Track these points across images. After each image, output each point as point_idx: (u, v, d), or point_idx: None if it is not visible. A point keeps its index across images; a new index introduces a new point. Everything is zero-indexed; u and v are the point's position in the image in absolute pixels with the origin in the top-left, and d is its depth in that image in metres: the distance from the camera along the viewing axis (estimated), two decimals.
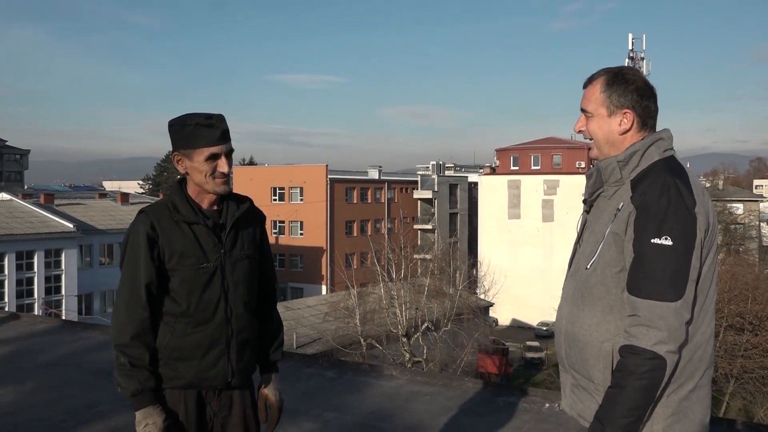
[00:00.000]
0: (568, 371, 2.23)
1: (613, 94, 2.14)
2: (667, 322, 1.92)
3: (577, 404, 2.21)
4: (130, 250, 2.44)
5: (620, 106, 2.13)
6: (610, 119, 2.15)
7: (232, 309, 2.49)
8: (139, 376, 2.38)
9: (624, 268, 2.03)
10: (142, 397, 2.39)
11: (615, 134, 2.15)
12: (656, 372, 1.93)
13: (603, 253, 2.08)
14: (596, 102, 2.17)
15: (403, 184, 62.28)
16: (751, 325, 22.40)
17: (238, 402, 2.56)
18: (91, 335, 7.82)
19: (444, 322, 27.18)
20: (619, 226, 2.04)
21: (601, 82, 2.17)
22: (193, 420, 2.47)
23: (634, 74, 2.17)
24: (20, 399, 5.48)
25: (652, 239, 1.95)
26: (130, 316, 2.40)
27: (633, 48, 56.09)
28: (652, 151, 2.11)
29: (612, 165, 2.13)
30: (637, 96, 2.13)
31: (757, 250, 47.33)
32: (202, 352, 2.45)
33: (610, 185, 2.15)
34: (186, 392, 2.47)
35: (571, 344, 2.16)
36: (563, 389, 2.31)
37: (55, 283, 35.52)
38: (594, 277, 2.10)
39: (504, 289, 35.87)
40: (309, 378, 6.00)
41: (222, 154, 2.44)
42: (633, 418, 1.95)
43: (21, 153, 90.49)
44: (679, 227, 1.95)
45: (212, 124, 2.41)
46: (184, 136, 2.43)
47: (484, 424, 4.82)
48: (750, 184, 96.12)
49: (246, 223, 2.58)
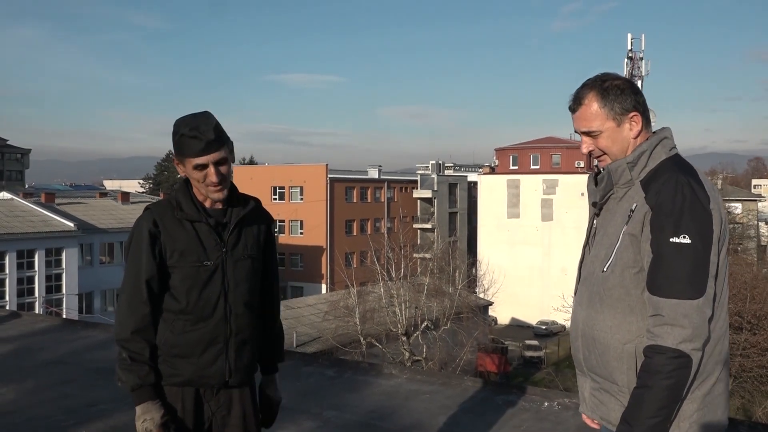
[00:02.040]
0: (587, 375, 2.22)
1: (614, 103, 2.13)
2: (691, 320, 1.93)
3: (599, 407, 2.18)
4: (134, 247, 2.46)
5: (626, 111, 2.13)
6: (621, 128, 2.14)
7: (232, 307, 2.49)
8: (139, 370, 2.40)
9: (642, 268, 2.04)
10: (141, 392, 2.40)
11: (629, 140, 2.15)
12: (682, 370, 1.94)
13: (620, 254, 2.08)
14: (600, 119, 2.14)
15: (402, 183, 62.28)
16: (750, 324, 22.40)
17: (238, 401, 2.55)
18: (92, 334, 7.84)
19: (443, 321, 27.21)
20: (635, 227, 2.04)
21: (596, 99, 2.14)
22: (190, 418, 2.47)
23: (616, 78, 2.16)
24: (21, 397, 5.50)
25: (671, 238, 1.96)
26: (132, 312, 2.42)
27: (632, 48, 56.02)
28: (659, 151, 2.12)
29: (622, 167, 2.13)
30: (633, 95, 2.14)
31: (755, 250, 47.39)
32: (201, 349, 2.46)
33: (620, 187, 2.15)
34: (184, 390, 2.47)
35: (591, 348, 2.15)
36: (582, 394, 2.28)
37: (55, 281, 35.54)
38: (612, 279, 2.09)
39: (503, 288, 35.93)
40: (309, 376, 6.01)
41: (209, 164, 2.40)
42: (660, 417, 1.95)
43: (22, 152, 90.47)
44: (696, 225, 1.96)
45: (196, 135, 2.36)
46: (175, 144, 2.43)
47: (484, 422, 4.84)
48: (748, 184, 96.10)
49: (251, 224, 2.57)
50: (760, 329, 22.45)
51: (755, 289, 23.26)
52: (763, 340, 22.12)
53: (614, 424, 2.10)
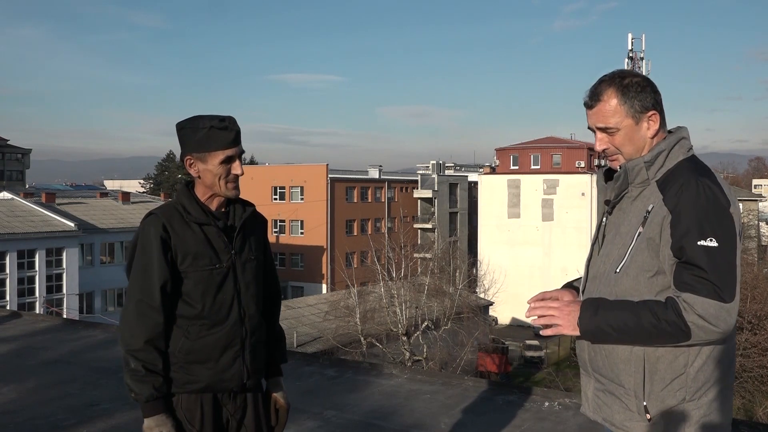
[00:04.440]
0: (592, 376, 2.19)
1: (634, 100, 2.08)
2: (724, 322, 1.91)
3: (602, 409, 2.16)
4: (141, 253, 2.39)
5: (645, 110, 2.09)
6: (639, 126, 2.10)
7: (245, 309, 2.48)
8: (153, 381, 2.33)
9: (658, 272, 2.01)
10: (156, 403, 2.34)
11: (646, 139, 2.11)
12: (667, 337, 1.95)
13: (634, 256, 2.04)
14: (619, 115, 2.09)
15: (403, 183, 62.26)
16: (750, 324, 22.41)
17: (252, 404, 2.54)
18: (92, 334, 7.85)
19: (444, 321, 27.21)
20: (653, 230, 2.00)
21: (615, 95, 2.10)
22: (209, 424, 2.42)
23: (636, 75, 2.13)
24: (22, 397, 5.50)
25: (699, 241, 1.92)
26: (144, 320, 2.35)
27: (632, 48, 56.06)
28: (677, 151, 2.09)
29: (639, 166, 2.08)
30: (653, 94, 2.10)
31: (755, 250, 47.27)
32: (218, 353, 2.42)
33: (635, 186, 2.10)
34: (203, 396, 2.42)
35: (597, 349, 2.11)
36: (584, 394, 2.26)
37: (56, 281, 35.56)
38: (625, 281, 2.05)
39: (504, 288, 35.89)
40: (309, 376, 6.02)
41: (236, 156, 2.43)
42: (613, 335, 2.00)
43: (22, 152, 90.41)
44: (722, 228, 1.94)
45: (226, 127, 2.39)
46: (198, 139, 2.39)
47: (484, 422, 4.84)
48: (749, 184, 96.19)
49: (252, 225, 2.57)
50: (760, 329, 22.47)
51: (756, 289, 23.29)
52: (763, 340, 22.14)
53: (617, 426, 2.09)
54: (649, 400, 2.03)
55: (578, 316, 2.06)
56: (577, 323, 2.06)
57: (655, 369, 2.02)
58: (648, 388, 2.03)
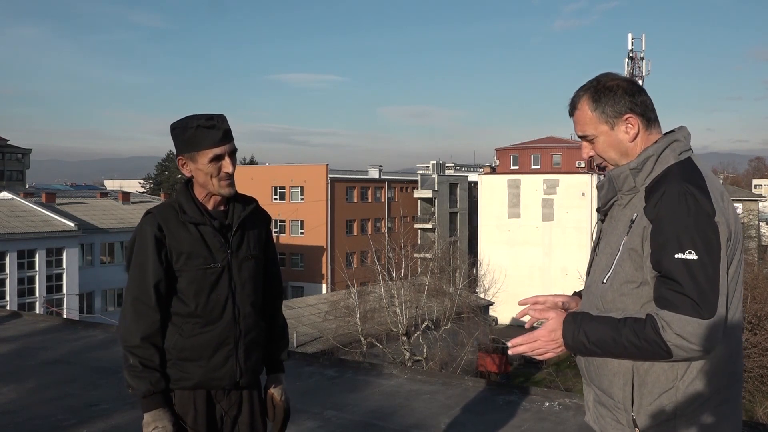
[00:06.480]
0: (590, 385, 2.15)
1: (606, 106, 2.03)
2: (700, 340, 1.81)
3: (599, 420, 2.11)
4: (138, 252, 2.43)
5: (618, 114, 2.02)
6: (615, 132, 2.04)
7: (240, 309, 2.50)
8: (150, 377, 2.38)
9: (642, 282, 1.93)
10: (153, 398, 2.38)
11: (626, 143, 2.04)
12: (650, 356, 1.88)
13: (618, 268, 1.97)
14: (592, 123, 2.06)
15: (403, 183, 62.25)
16: (750, 324, 22.44)
17: (247, 401, 2.56)
18: (92, 334, 7.85)
19: (444, 321, 27.22)
20: (635, 241, 1.94)
21: (587, 102, 2.06)
22: (203, 420, 2.45)
23: (613, 78, 2.06)
24: (22, 397, 5.51)
25: (676, 254, 1.83)
26: (140, 317, 2.40)
27: (632, 48, 56.06)
28: (667, 155, 2.00)
29: (624, 173, 2.01)
30: (628, 97, 2.02)
31: (756, 250, 47.28)
32: (211, 352, 2.45)
33: (624, 194, 2.03)
34: (195, 392, 2.46)
35: (590, 359, 2.07)
36: (587, 402, 2.21)
37: (56, 281, 35.56)
38: (610, 293, 1.99)
39: (504, 288, 35.87)
40: (309, 376, 6.02)
41: (225, 154, 2.44)
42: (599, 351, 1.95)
43: (23, 152, 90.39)
44: (702, 239, 1.83)
45: (214, 125, 2.41)
46: (187, 139, 2.42)
47: (484, 422, 4.84)
48: (749, 184, 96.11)
49: (252, 224, 2.58)
50: (760, 329, 22.50)
51: (756, 289, 23.31)
52: (764, 340, 22.17)
53: None
54: (638, 415, 1.96)
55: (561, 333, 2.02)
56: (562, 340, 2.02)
57: (643, 382, 1.95)
58: (637, 402, 1.96)
